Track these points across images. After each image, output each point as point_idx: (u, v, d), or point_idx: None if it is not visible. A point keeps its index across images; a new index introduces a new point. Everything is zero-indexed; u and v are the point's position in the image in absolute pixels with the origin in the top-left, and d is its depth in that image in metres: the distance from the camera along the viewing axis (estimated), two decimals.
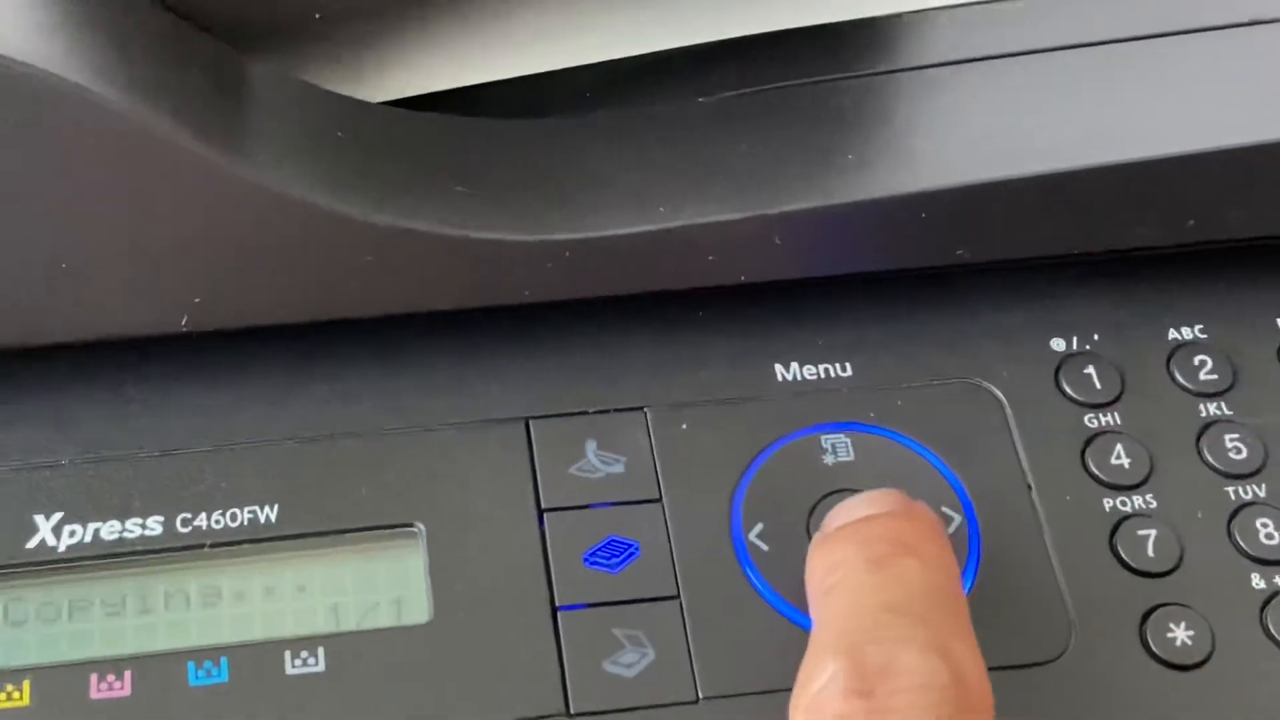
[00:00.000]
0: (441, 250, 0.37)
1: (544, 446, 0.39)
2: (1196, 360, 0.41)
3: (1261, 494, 0.39)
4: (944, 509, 0.38)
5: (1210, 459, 0.40)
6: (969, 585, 0.38)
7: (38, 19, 0.35)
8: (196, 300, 0.37)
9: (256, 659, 0.36)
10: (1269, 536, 0.39)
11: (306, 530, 0.37)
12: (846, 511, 0.36)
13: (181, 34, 0.38)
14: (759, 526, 0.38)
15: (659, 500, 0.38)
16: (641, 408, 0.40)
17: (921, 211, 0.39)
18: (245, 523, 0.37)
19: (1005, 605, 0.38)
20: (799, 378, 0.40)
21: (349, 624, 0.36)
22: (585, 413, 0.39)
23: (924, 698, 0.32)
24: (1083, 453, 0.40)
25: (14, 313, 0.36)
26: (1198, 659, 0.37)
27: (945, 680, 0.32)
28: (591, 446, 0.39)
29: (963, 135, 0.40)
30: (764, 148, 0.40)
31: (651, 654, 0.36)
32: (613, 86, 0.43)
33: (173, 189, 0.35)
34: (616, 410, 0.40)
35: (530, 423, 0.39)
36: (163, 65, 0.36)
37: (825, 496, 0.38)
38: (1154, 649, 0.37)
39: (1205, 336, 0.41)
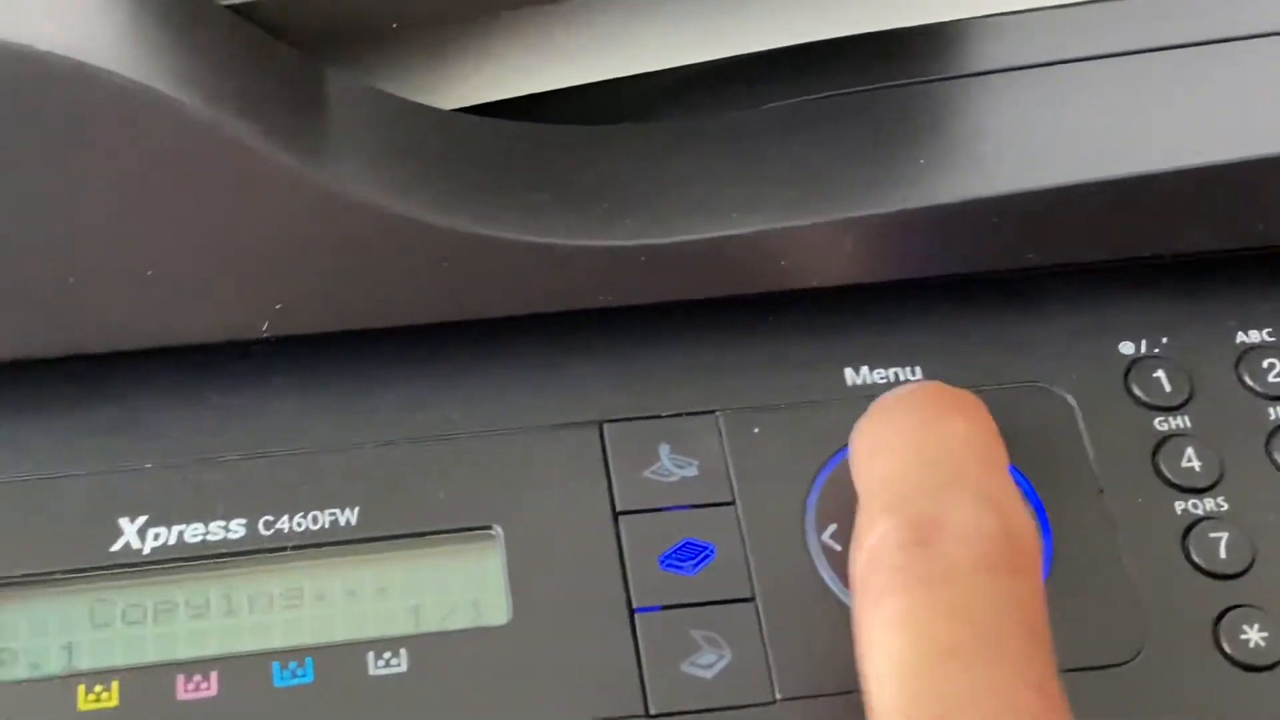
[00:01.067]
0: (519, 256, 0.38)
1: (618, 450, 0.39)
2: (1265, 363, 0.41)
3: None
4: None
5: None
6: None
7: (122, 27, 0.35)
8: (278, 306, 0.37)
9: (340, 660, 0.36)
10: None
11: (387, 533, 0.38)
12: (894, 391, 0.38)
13: (261, 42, 0.38)
14: (832, 527, 0.38)
15: (733, 503, 0.39)
16: (713, 411, 0.40)
17: (993, 216, 0.39)
18: (326, 525, 0.38)
19: (1078, 608, 0.38)
20: (869, 381, 0.41)
21: (430, 625, 0.37)
22: (658, 416, 0.40)
23: (977, 548, 0.33)
24: (1153, 456, 0.40)
25: (99, 319, 0.37)
26: (1271, 660, 0.37)
27: (995, 531, 0.33)
28: (665, 450, 0.39)
29: (1032, 139, 0.40)
30: (833, 153, 0.40)
31: (728, 655, 0.37)
32: (681, 92, 0.44)
33: (255, 197, 0.36)
34: (689, 414, 0.40)
35: (604, 426, 0.40)
36: (244, 74, 0.37)
37: None
38: (1227, 651, 0.37)
39: (1274, 339, 0.41)
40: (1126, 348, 0.41)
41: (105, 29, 0.34)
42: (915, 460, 0.34)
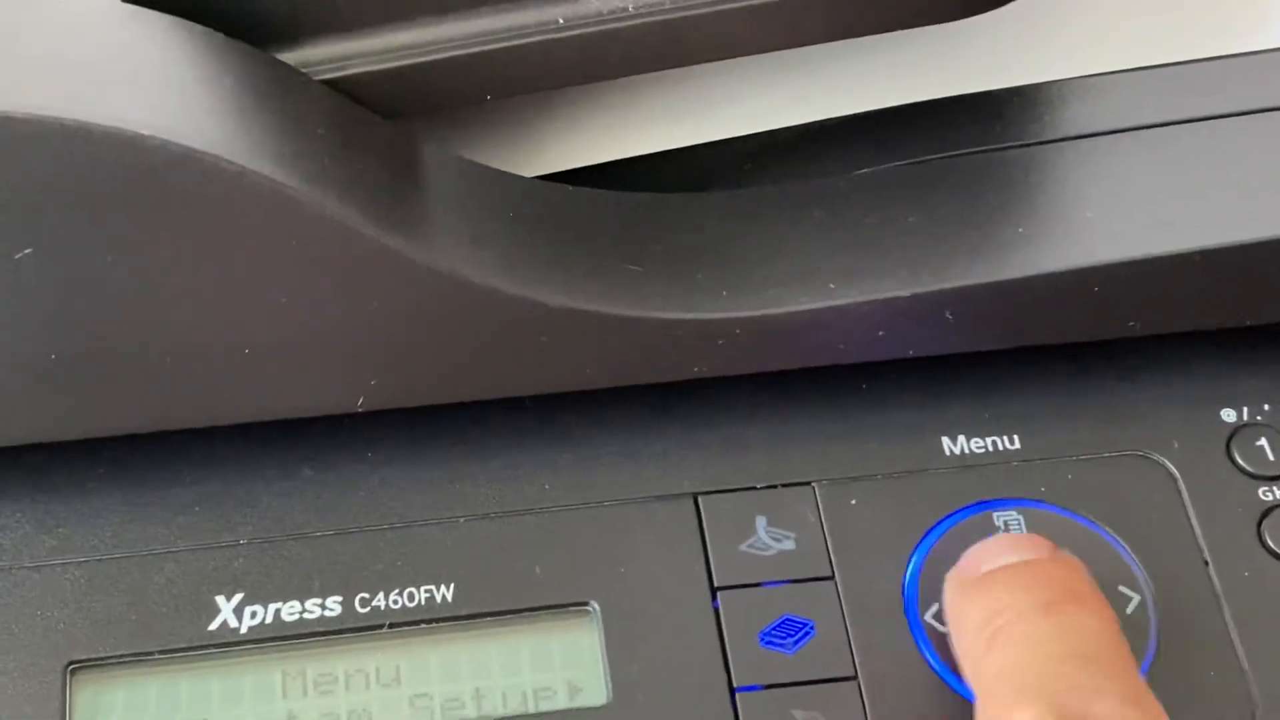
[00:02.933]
0: (616, 329, 0.37)
1: (714, 523, 0.39)
2: None
3: None
4: (1121, 588, 0.38)
5: None
6: (1148, 664, 0.37)
7: (222, 108, 0.35)
8: (373, 382, 0.37)
9: None
10: None
11: (482, 610, 0.37)
12: (993, 555, 0.36)
13: (354, 116, 0.38)
14: (935, 607, 0.38)
15: (831, 578, 0.38)
16: (810, 482, 0.40)
17: (1095, 285, 0.38)
18: (423, 602, 0.37)
19: (1186, 684, 0.37)
20: (966, 451, 0.40)
21: (528, 706, 0.36)
22: (754, 488, 0.39)
23: None
24: (1259, 526, 0.39)
25: (198, 395, 0.37)
26: None
27: None
28: (762, 523, 0.39)
29: (1133, 205, 0.40)
30: (929, 220, 0.40)
31: None
32: (770, 158, 0.43)
33: (354, 275, 0.35)
34: (785, 485, 0.40)
35: (699, 498, 0.39)
36: (340, 152, 0.36)
37: None
38: None
39: None
40: (1229, 415, 0.41)
41: (205, 111, 0.34)
42: (1050, 651, 0.33)
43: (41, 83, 0.33)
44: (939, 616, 0.37)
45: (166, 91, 0.34)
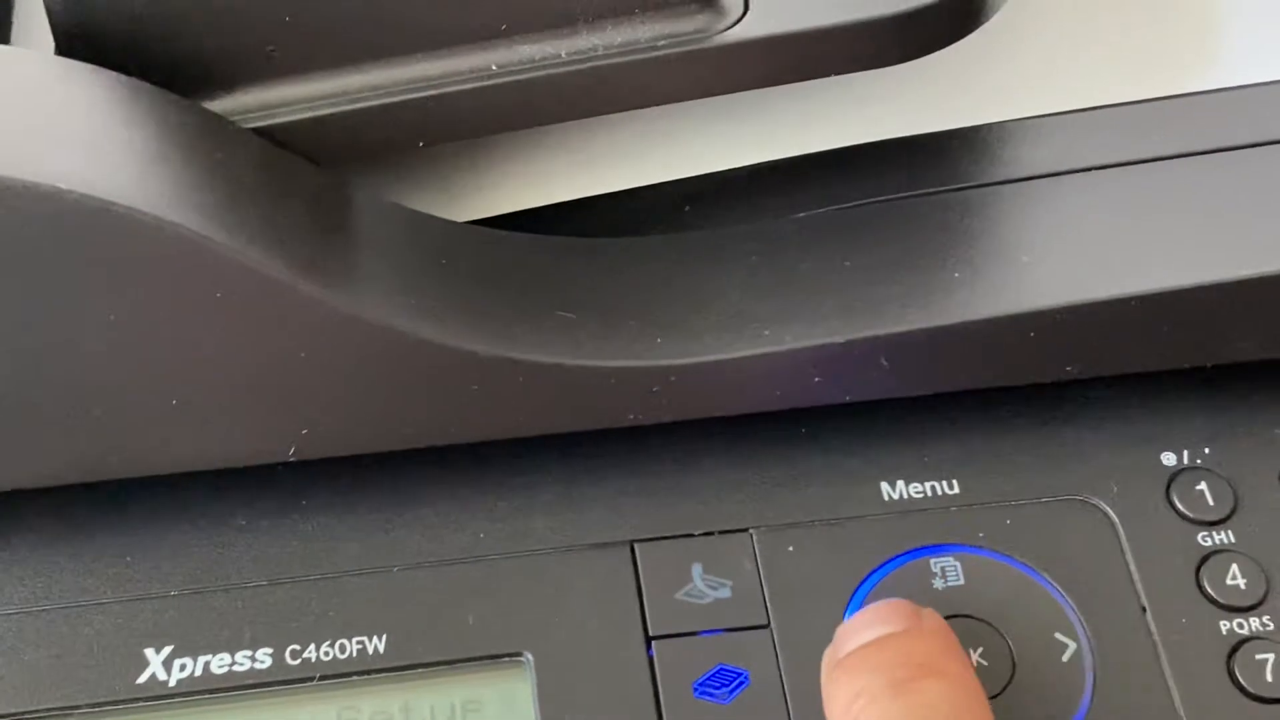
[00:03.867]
0: (547, 378, 0.37)
1: (650, 571, 0.39)
2: None
3: None
4: (1057, 635, 0.38)
5: None
6: (1084, 712, 0.37)
7: (143, 158, 0.35)
8: (304, 431, 0.37)
9: None
10: None
11: (415, 661, 0.37)
12: (856, 632, 0.36)
13: (284, 164, 0.38)
14: None
15: (767, 626, 0.38)
16: (747, 529, 0.39)
17: (1031, 330, 0.38)
18: (354, 654, 0.37)
19: None
20: (905, 496, 0.40)
21: None
22: (690, 535, 0.39)
23: None
24: (1197, 573, 0.39)
25: (125, 445, 0.36)
26: None
27: None
28: (698, 570, 0.39)
29: (1069, 250, 0.40)
30: (866, 264, 0.40)
31: None
32: (709, 201, 0.43)
33: (281, 326, 0.35)
34: (722, 532, 0.39)
35: (635, 546, 0.39)
36: (267, 200, 0.36)
37: None
38: None
39: None
40: (1168, 459, 0.40)
41: (127, 162, 0.34)
42: None
43: None
44: None
45: (89, 143, 0.34)
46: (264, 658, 0.37)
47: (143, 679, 0.37)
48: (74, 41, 0.37)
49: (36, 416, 0.36)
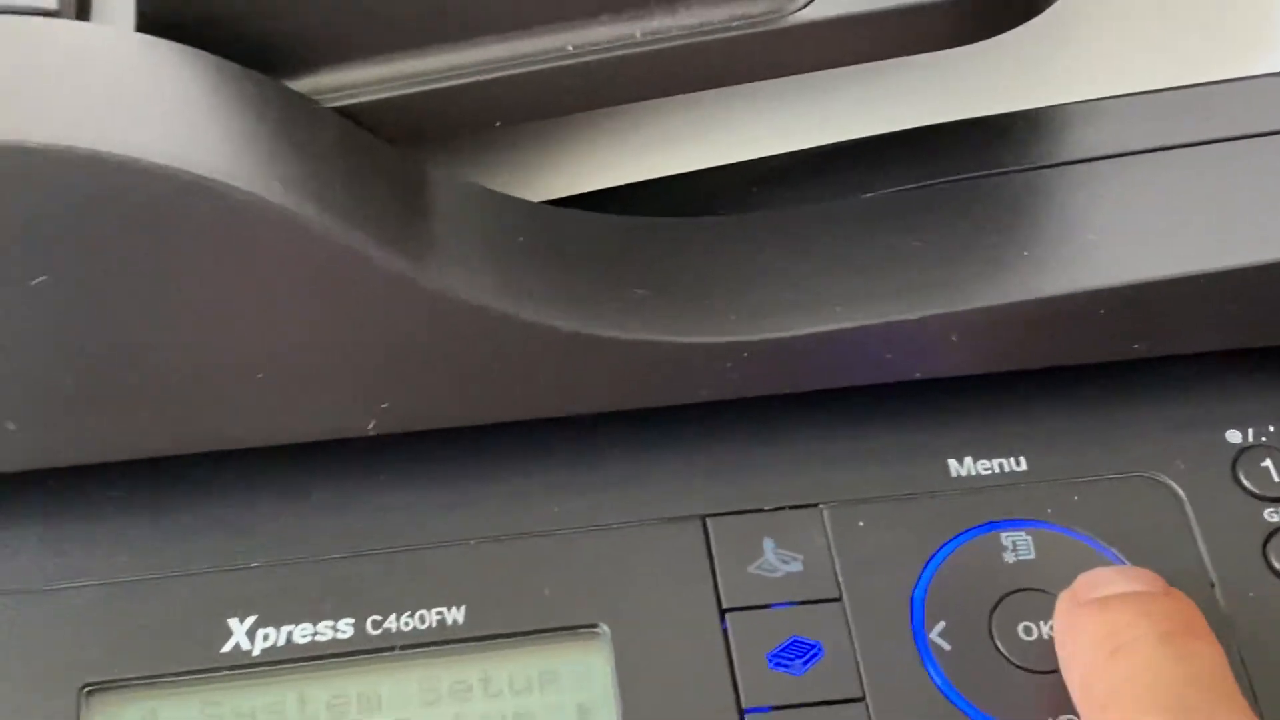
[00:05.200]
0: (624, 353, 0.38)
1: (722, 545, 0.39)
2: None
3: None
4: None
5: None
6: None
7: (231, 135, 0.35)
8: (384, 406, 0.38)
9: None
10: None
11: (493, 632, 0.38)
12: (1110, 582, 0.36)
13: (364, 143, 0.38)
14: (940, 625, 0.38)
15: (839, 599, 0.38)
16: (817, 504, 0.40)
17: (1100, 308, 0.39)
18: (434, 624, 0.38)
19: None
20: (974, 472, 0.40)
21: None
22: (762, 510, 0.40)
23: None
24: (1264, 547, 0.39)
25: (212, 419, 0.37)
26: None
27: None
28: (770, 545, 0.39)
29: (1137, 229, 0.40)
30: (934, 244, 0.40)
31: None
32: (778, 182, 0.44)
33: (365, 301, 0.36)
34: (793, 507, 0.40)
35: (708, 521, 0.39)
36: (352, 178, 0.37)
37: (1007, 595, 0.38)
38: None
39: None
40: (1234, 436, 0.41)
41: (216, 138, 0.35)
42: (1173, 675, 0.34)
43: (55, 112, 0.34)
44: (945, 635, 0.38)
45: (178, 120, 0.35)
46: (345, 628, 0.38)
47: (227, 648, 0.37)
48: (155, 19, 0.38)
49: (125, 390, 0.36)
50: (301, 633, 0.38)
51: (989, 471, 0.40)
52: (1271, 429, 0.41)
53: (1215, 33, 0.46)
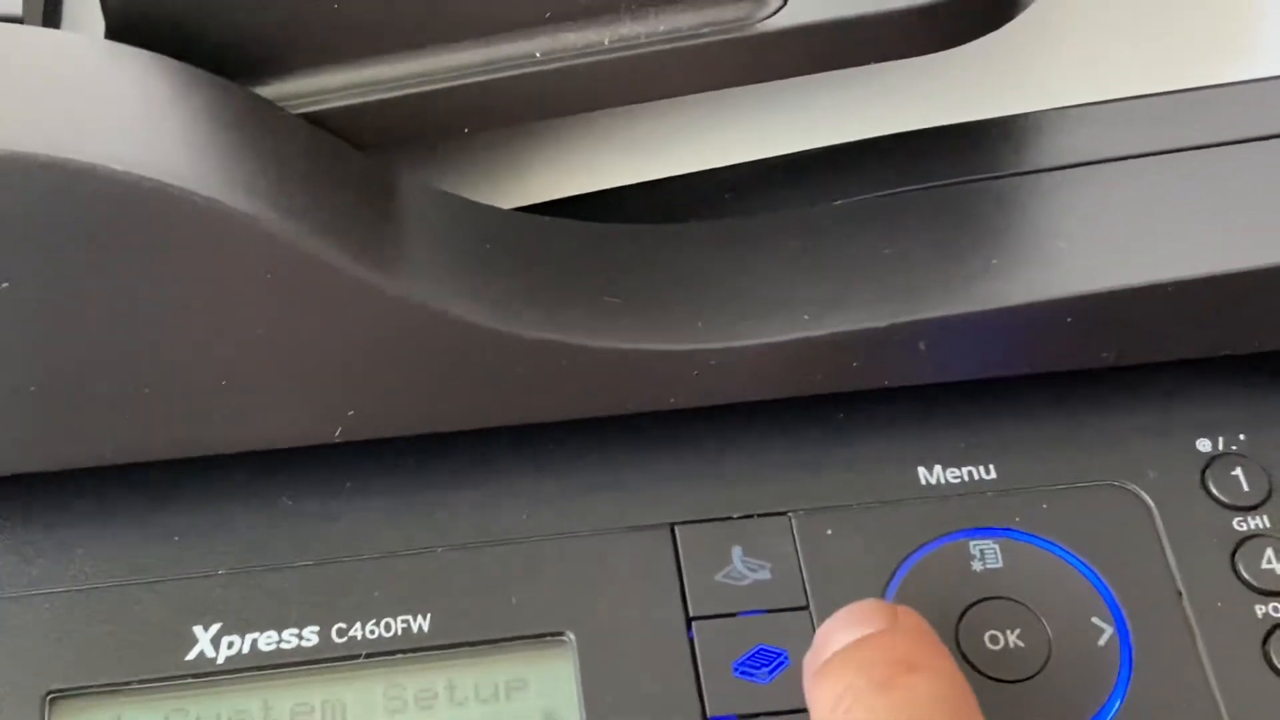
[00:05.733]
0: (592, 361, 0.38)
1: (690, 553, 0.39)
2: None
3: None
4: (1094, 619, 0.38)
5: None
6: (1122, 695, 0.38)
7: (195, 141, 0.35)
8: (350, 413, 0.38)
9: None
10: None
11: (459, 640, 0.38)
12: (834, 635, 0.36)
13: (332, 149, 0.38)
14: None
15: (806, 607, 0.38)
16: (786, 512, 0.40)
17: (1069, 316, 0.38)
18: (399, 632, 0.38)
19: (1157, 714, 0.37)
20: (943, 480, 0.40)
21: None
22: (730, 518, 0.40)
23: None
24: (1233, 557, 0.39)
25: (175, 427, 0.37)
26: None
27: None
28: (738, 552, 0.39)
29: (1106, 237, 0.40)
30: (905, 251, 0.40)
31: None
32: (750, 188, 0.44)
33: (328, 308, 0.36)
34: (761, 515, 0.40)
35: (676, 528, 0.39)
36: (316, 184, 0.37)
37: (974, 604, 0.38)
38: None
39: None
40: (1204, 445, 0.41)
41: (180, 145, 0.35)
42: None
43: (18, 118, 0.34)
44: None
45: (142, 126, 0.35)
46: (310, 636, 0.38)
47: (191, 656, 0.37)
48: (125, 26, 0.38)
49: (88, 397, 0.36)
50: (266, 640, 0.37)
51: (958, 480, 0.40)
52: (1241, 438, 0.41)
53: (1189, 39, 0.46)
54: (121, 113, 0.35)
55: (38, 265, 0.34)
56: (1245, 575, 0.39)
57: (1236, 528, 0.40)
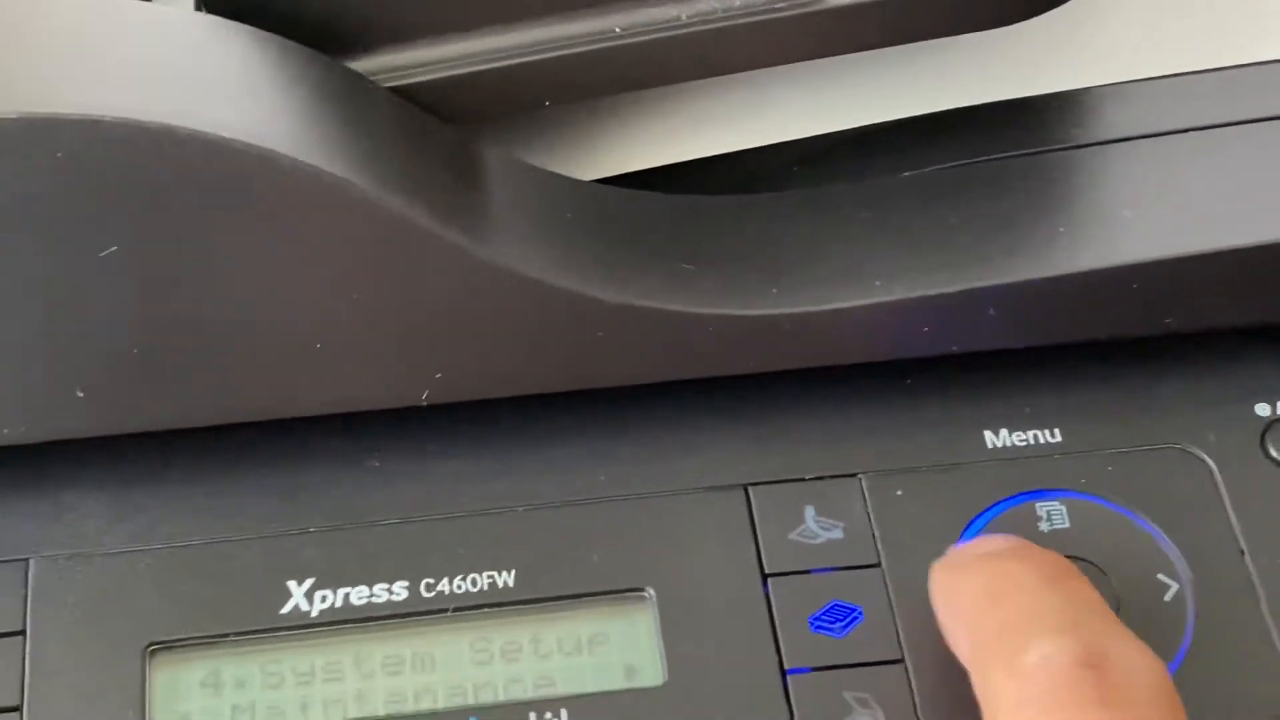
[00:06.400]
0: (671, 325, 0.39)
1: (764, 512, 0.40)
2: None
3: None
4: (1160, 576, 0.39)
5: None
6: (1185, 651, 0.39)
7: (295, 112, 0.37)
8: (438, 376, 0.39)
9: None
10: None
11: (543, 595, 0.39)
12: (978, 546, 0.38)
13: (420, 121, 0.40)
14: None
15: (878, 565, 0.40)
16: (856, 474, 0.41)
17: (1133, 283, 0.40)
18: (485, 588, 0.39)
19: (1223, 670, 0.38)
20: (1009, 444, 0.41)
21: (588, 686, 0.38)
22: (802, 479, 0.41)
23: (1149, 685, 0.33)
24: None
25: (269, 389, 0.38)
26: None
27: (1161, 675, 0.33)
28: (810, 512, 0.40)
29: (1171, 205, 0.41)
30: (974, 220, 0.41)
31: (881, 716, 0.37)
32: (819, 161, 0.45)
33: (420, 273, 0.37)
34: (832, 477, 0.41)
35: (750, 489, 0.41)
36: (407, 154, 0.38)
37: None
38: None
39: None
40: (1263, 410, 0.42)
41: (282, 115, 0.36)
42: (1057, 604, 0.34)
43: (125, 87, 0.35)
44: None
45: (245, 97, 0.36)
46: (400, 590, 0.39)
47: (286, 609, 0.39)
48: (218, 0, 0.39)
49: (189, 360, 0.38)
50: (358, 595, 0.39)
51: (1024, 443, 0.41)
52: None
53: (1250, 14, 0.47)
54: (224, 83, 0.36)
55: (145, 230, 0.35)
56: None
57: None
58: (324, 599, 0.39)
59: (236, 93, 0.36)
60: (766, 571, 0.39)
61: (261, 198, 0.35)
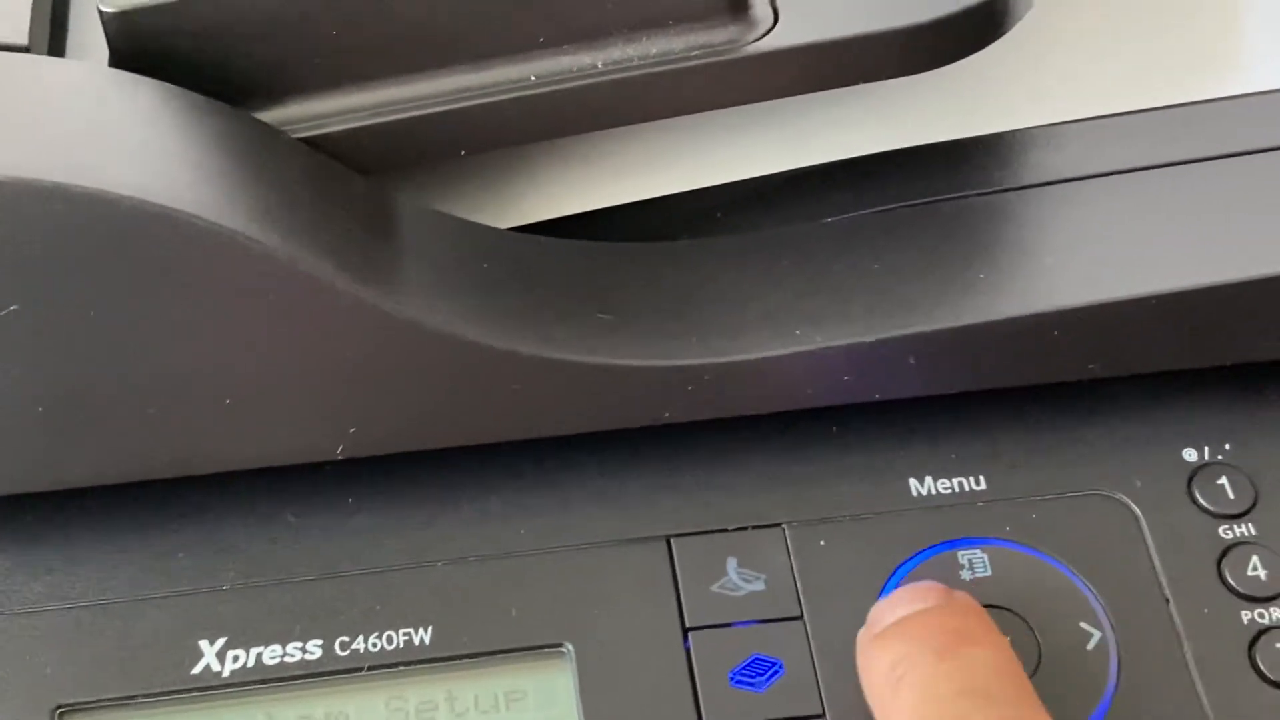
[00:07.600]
0: (586, 377, 0.38)
1: (686, 565, 0.40)
2: None
3: None
4: (1082, 624, 0.39)
5: None
6: (1109, 699, 0.38)
7: (197, 165, 0.36)
8: (352, 430, 0.38)
9: None
10: None
11: (459, 652, 0.38)
12: (891, 609, 0.37)
13: (330, 172, 0.39)
14: None
15: (800, 617, 0.39)
16: (780, 524, 0.40)
17: (1054, 330, 0.39)
18: (401, 645, 0.38)
19: (1147, 719, 0.38)
20: (934, 492, 0.41)
21: None
22: (725, 530, 0.40)
23: None
24: (1219, 564, 0.40)
25: (182, 445, 0.38)
26: None
27: None
28: (733, 564, 0.40)
29: (1091, 251, 0.41)
30: (894, 267, 0.41)
31: None
32: (741, 207, 0.44)
33: (329, 327, 0.37)
34: (755, 527, 0.40)
35: (672, 541, 0.40)
36: (316, 207, 0.37)
37: None
38: None
39: None
40: (1190, 455, 0.41)
41: (182, 169, 0.35)
42: (944, 691, 0.34)
43: (21, 145, 0.35)
44: None
45: (144, 152, 0.35)
46: (314, 649, 0.38)
47: (197, 669, 0.38)
48: (128, 54, 0.38)
49: (94, 417, 0.37)
50: (271, 654, 0.38)
51: (949, 490, 0.41)
52: (1227, 447, 0.42)
53: (1175, 55, 0.47)
54: (126, 139, 0.36)
55: (45, 288, 0.35)
56: (1231, 581, 0.40)
57: (1222, 535, 0.40)
58: (236, 658, 0.38)
59: (135, 148, 0.35)
60: (687, 625, 0.39)
61: (163, 256, 0.35)
